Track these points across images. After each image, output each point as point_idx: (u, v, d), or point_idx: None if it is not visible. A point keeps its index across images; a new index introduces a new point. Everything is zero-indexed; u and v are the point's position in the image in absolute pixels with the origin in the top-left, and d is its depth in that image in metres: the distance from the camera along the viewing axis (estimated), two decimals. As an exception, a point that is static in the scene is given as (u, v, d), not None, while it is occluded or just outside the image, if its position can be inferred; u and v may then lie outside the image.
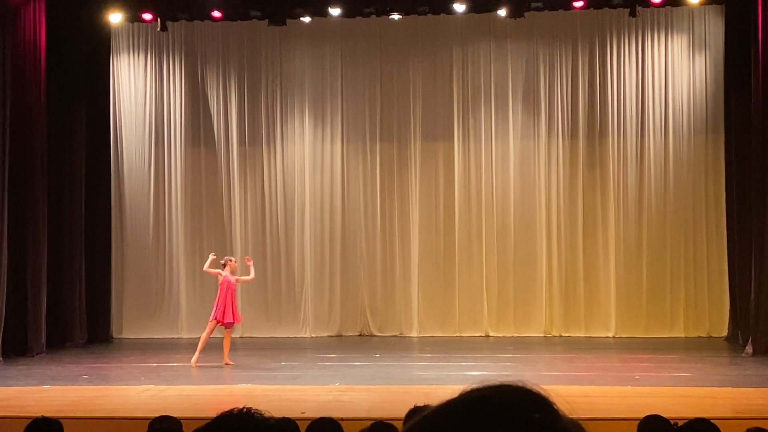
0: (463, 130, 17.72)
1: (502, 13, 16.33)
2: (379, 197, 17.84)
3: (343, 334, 17.65)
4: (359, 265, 17.79)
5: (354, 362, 13.98)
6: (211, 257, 14.02)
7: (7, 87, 14.43)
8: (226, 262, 13.99)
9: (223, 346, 13.67)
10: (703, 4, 16.59)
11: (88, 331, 16.80)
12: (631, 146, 17.28)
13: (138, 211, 18.07)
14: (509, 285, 17.50)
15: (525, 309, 17.44)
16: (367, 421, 5.09)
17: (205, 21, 17.38)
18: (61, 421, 5.24)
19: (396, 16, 16.80)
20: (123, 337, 17.69)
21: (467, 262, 17.60)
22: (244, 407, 1.55)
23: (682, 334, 16.87)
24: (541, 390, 1.17)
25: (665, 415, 5.39)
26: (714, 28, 17.00)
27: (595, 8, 16.82)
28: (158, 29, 16.93)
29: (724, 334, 16.47)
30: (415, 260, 17.68)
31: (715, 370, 12.82)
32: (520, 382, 1.18)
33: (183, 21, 17.45)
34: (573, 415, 1.18)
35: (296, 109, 17.98)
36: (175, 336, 17.42)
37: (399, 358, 14.48)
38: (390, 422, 4.92)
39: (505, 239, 17.54)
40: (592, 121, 17.45)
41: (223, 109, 18.02)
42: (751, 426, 5.30)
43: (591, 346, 15.83)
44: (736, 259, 15.65)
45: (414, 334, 17.50)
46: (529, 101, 17.61)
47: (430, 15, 17.00)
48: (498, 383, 1.18)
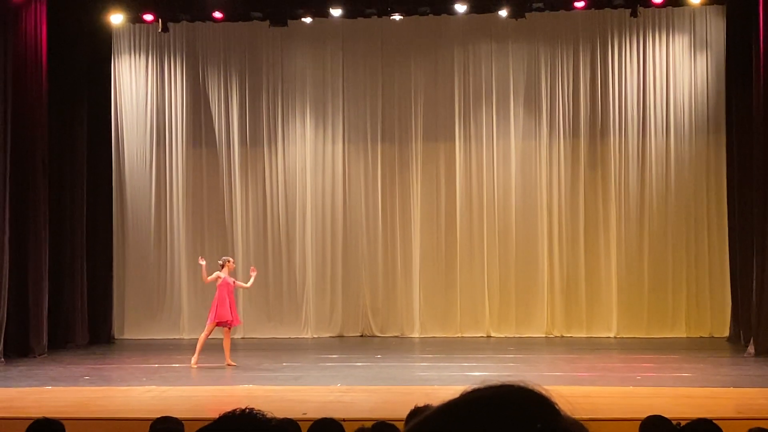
0: (465, 130, 17.72)
1: (503, 13, 16.33)
2: (381, 198, 17.84)
3: (345, 335, 17.64)
4: (360, 266, 17.79)
5: (355, 363, 13.97)
6: (203, 264, 13.95)
7: (8, 87, 14.43)
8: (225, 263, 13.94)
9: (224, 348, 13.65)
10: (704, 4, 16.58)
11: (89, 331, 16.80)
12: (633, 146, 17.27)
13: (139, 212, 18.07)
14: (510, 285, 17.50)
15: (526, 309, 17.44)
16: (369, 422, 5.09)
17: (207, 22, 17.38)
18: (63, 422, 5.24)
19: (397, 17, 16.80)
20: (124, 337, 17.69)
21: (468, 263, 17.60)
22: (246, 408, 1.55)
23: (684, 335, 16.86)
24: (543, 390, 1.17)
25: (667, 416, 5.38)
26: (715, 28, 17.00)
27: (596, 8, 16.82)
28: (159, 30, 16.95)
29: (726, 334, 16.45)
30: (417, 261, 17.68)
31: (717, 370, 12.80)
32: (522, 383, 1.18)
33: (184, 22, 17.46)
34: (575, 416, 1.18)
35: (297, 109, 17.98)
36: (177, 337, 17.42)
37: (400, 358, 14.48)
38: (392, 423, 4.92)
39: (507, 240, 17.53)
40: (593, 121, 17.44)
41: (225, 109, 18.02)
42: (753, 426, 5.30)
43: (592, 346, 15.82)
44: (738, 259, 15.64)
45: (415, 335, 17.50)
46: (531, 101, 17.61)
47: (431, 15, 16.99)
48: (499, 383, 1.18)
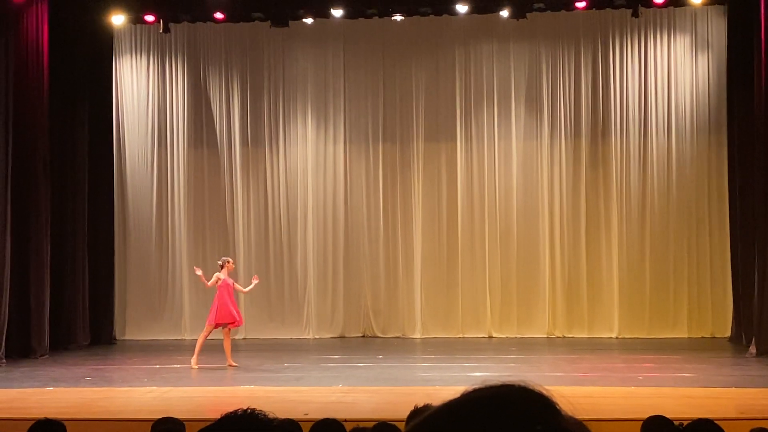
0: (466, 130, 17.71)
1: (505, 13, 16.32)
2: (382, 198, 17.84)
3: (346, 336, 17.64)
4: (362, 267, 17.78)
5: (357, 363, 13.97)
6: (200, 273, 13.91)
7: (9, 88, 14.43)
8: (224, 264, 13.92)
9: (225, 348, 13.64)
10: (705, 4, 16.57)
11: (91, 332, 16.80)
12: (634, 146, 17.27)
13: (141, 213, 18.07)
14: (512, 286, 17.49)
15: (528, 310, 17.43)
16: (371, 422, 5.10)
17: (208, 23, 17.38)
18: (65, 422, 5.24)
19: (398, 17, 16.80)
20: (126, 338, 17.69)
21: (470, 263, 17.59)
22: (248, 408, 1.55)
23: (686, 335, 16.84)
24: (543, 390, 1.17)
25: (669, 416, 5.38)
26: (716, 28, 16.99)
27: (597, 9, 16.81)
28: (161, 31, 16.95)
29: (728, 334, 16.44)
30: (418, 261, 17.67)
31: (719, 370, 12.79)
32: (522, 383, 1.18)
33: (185, 23, 17.46)
34: (576, 416, 1.18)
35: (299, 110, 17.98)
36: (178, 337, 17.41)
37: (402, 359, 14.47)
38: (393, 423, 4.92)
39: (508, 240, 17.53)
40: (594, 122, 17.44)
41: (226, 110, 18.02)
42: (755, 426, 5.31)
43: (594, 346, 15.81)
44: (740, 259, 15.62)
45: (417, 336, 17.49)
46: (532, 102, 17.60)
47: (432, 16, 16.98)
48: (500, 383, 1.18)
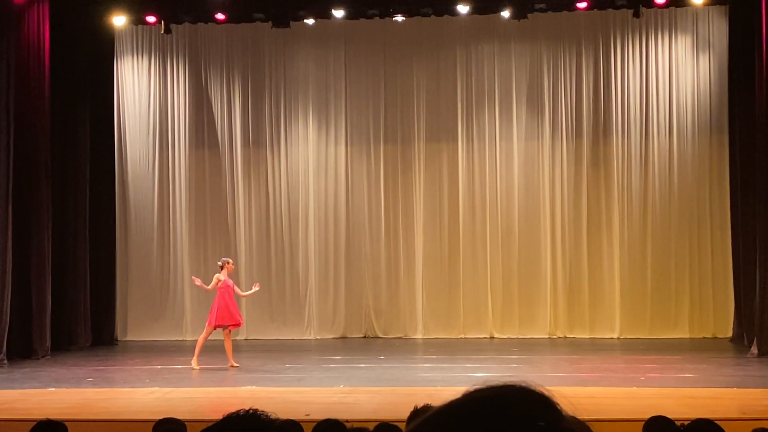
0: (467, 131, 17.71)
1: (506, 14, 16.32)
2: (383, 199, 17.83)
3: (348, 336, 17.64)
4: (363, 267, 17.78)
5: (358, 364, 13.97)
6: (198, 283, 13.93)
7: (11, 89, 14.43)
8: (224, 264, 13.90)
9: (226, 350, 13.64)
10: (706, 5, 16.57)
11: (92, 333, 16.81)
12: (635, 147, 17.26)
13: (142, 214, 18.08)
14: (514, 286, 17.49)
15: (529, 310, 17.43)
16: (372, 423, 5.10)
17: (209, 23, 17.39)
18: (66, 423, 5.24)
19: (399, 18, 16.80)
20: (127, 339, 17.70)
21: (471, 264, 17.59)
22: (250, 409, 1.55)
23: (687, 335, 16.83)
24: (545, 390, 1.17)
25: (670, 416, 5.38)
26: (718, 29, 16.99)
27: (598, 9, 16.81)
28: (162, 32, 16.97)
29: (729, 334, 16.42)
30: (420, 262, 17.67)
31: (721, 370, 12.78)
32: (523, 383, 1.18)
33: (186, 23, 17.47)
34: (578, 417, 1.18)
35: (300, 111, 17.98)
36: (180, 338, 17.41)
37: (403, 359, 14.48)
38: (395, 424, 4.92)
39: (510, 240, 17.52)
40: (596, 122, 17.43)
41: (227, 111, 18.03)
42: (757, 427, 5.30)
43: (596, 347, 15.81)
44: (741, 259, 15.62)
45: (418, 336, 17.49)
46: (533, 102, 17.60)
47: (433, 17, 16.98)
48: (501, 384, 1.18)
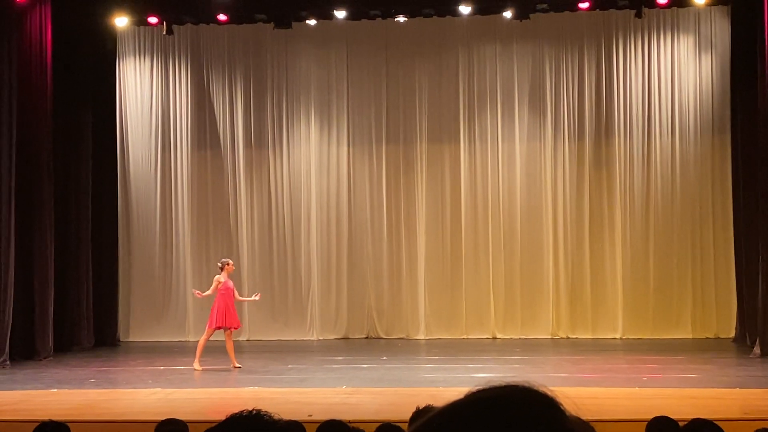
0: (469, 131, 17.71)
1: (508, 14, 16.32)
2: (386, 199, 17.83)
3: (350, 337, 17.64)
4: (366, 268, 17.78)
5: (361, 365, 13.97)
6: (199, 295, 13.93)
7: (13, 90, 14.44)
8: (224, 265, 13.88)
9: (228, 351, 13.64)
10: (709, 5, 16.56)
11: (95, 334, 16.82)
12: (638, 147, 17.25)
13: (144, 214, 18.09)
14: (516, 287, 17.49)
15: (532, 311, 17.42)
16: (375, 424, 5.10)
17: (211, 24, 17.39)
18: (69, 424, 5.25)
19: (401, 19, 16.79)
20: (130, 340, 17.71)
21: (474, 264, 17.59)
22: (253, 409, 1.55)
23: (690, 336, 16.82)
24: (548, 391, 1.17)
25: (673, 417, 5.38)
26: (720, 29, 16.98)
27: (600, 9, 16.80)
28: (164, 33, 16.97)
29: (732, 335, 16.41)
30: (422, 262, 17.67)
31: (723, 371, 12.77)
32: (527, 383, 1.18)
33: (189, 24, 17.48)
34: (581, 417, 1.18)
35: (302, 111, 17.99)
36: (182, 339, 17.41)
37: (406, 360, 14.48)
38: (397, 425, 4.92)
39: (512, 241, 17.52)
40: (598, 122, 17.43)
41: (229, 112, 18.03)
42: (759, 427, 5.30)
43: (598, 347, 15.80)
44: (744, 260, 15.61)
45: (421, 337, 17.49)
46: (535, 102, 17.60)
47: (435, 17, 16.99)
48: (504, 384, 1.18)
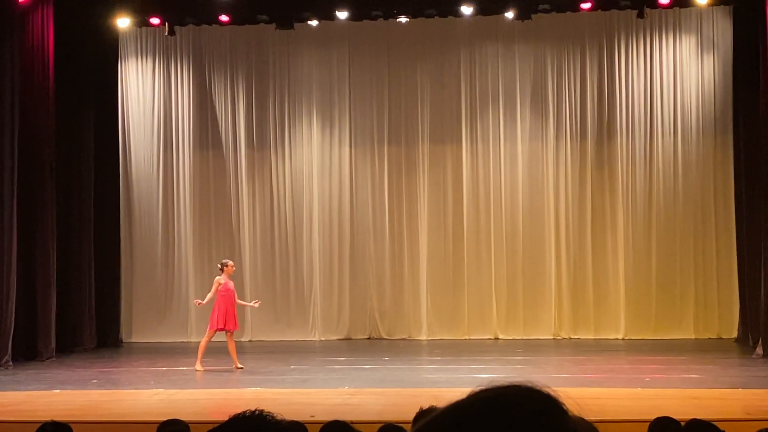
0: (471, 132, 17.71)
1: (510, 15, 16.32)
2: (387, 200, 17.83)
3: (352, 338, 17.64)
4: (368, 268, 17.79)
5: (363, 365, 13.96)
6: (200, 303, 13.93)
7: (15, 92, 14.45)
8: (224, 266, 13.87)
9: (229, 352, 13.64)
10: (711, 5, 16.55)
11: (97, 335, 16.83)
12: (640, 147, 17.25)
13: (147, 215, 18.10)
14: (518, 287, 17.48)
15: (534, 311, 17.41)
16: (377, 425, 5.10)
17: (213, 25, 17.40)
18: (71, 425, 5.25)
19: (403, 19, 16.79)
20: (132, 341, 17.72)
21: (476, 265, 17.58)
22: (255, 410, 1.55)
23: (692, 336, 16.81)
24: (550, 391, 1.17)
25: (675, 417, 5.38)
26: (722, 29, 16.97)
27: (602, 10, 16.79)
28: (166, 34, 16.98)
29: (734, 335, 16.41)
30: (424, 263, 17.67)
31: (726, 371, 12.77)
32: (529, 383, 1.18)
33: (190, 25, 17.48)
34: (584, 417, 1.18)
35: (304, 112, 17.99)
36: (184, 340, 17.42)
37: (408, 361, 14.47)
38: (399, 425, 4.92)
39: (514, 242, 17.52)
40: (600, 123, 17.42)
41: (231, 112, 18.04)
42: (762, 427, 5.30)
43: (600, 348, 15.79)
44: (746, 260, 15.61)
45: (423, 337, 17.49)
46: (537, 103, 17.59)
47: (437, 18, 16.99)
48: (506, 384, 1.18)
